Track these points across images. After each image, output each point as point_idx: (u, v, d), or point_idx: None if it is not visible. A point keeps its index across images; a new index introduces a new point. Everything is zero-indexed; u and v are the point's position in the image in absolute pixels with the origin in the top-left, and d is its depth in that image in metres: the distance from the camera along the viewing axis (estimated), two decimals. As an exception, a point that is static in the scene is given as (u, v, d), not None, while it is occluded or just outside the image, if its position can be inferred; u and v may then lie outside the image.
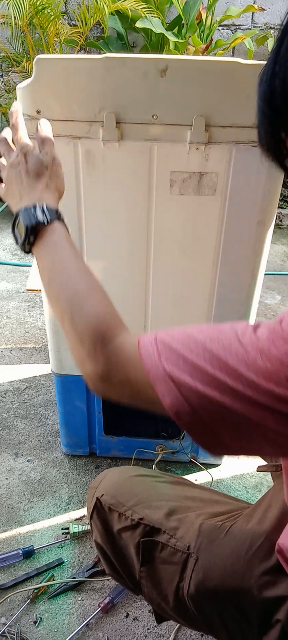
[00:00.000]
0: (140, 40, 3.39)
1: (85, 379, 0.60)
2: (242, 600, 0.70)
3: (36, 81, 0.97)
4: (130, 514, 0.79)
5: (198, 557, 0.74)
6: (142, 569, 0.79)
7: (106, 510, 0.82)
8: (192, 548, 0.74)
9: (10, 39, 3.23)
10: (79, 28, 3.17)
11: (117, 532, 0.81)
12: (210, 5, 3.06)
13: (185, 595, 0.74)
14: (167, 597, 0.77)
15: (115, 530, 0.81)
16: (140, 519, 0.79)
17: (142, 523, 0.78)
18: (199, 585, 0.72)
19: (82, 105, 0.99)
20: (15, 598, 1.14)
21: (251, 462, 1.51)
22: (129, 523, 0.79)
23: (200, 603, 0.74)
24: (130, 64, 0.95)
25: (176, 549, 0.76)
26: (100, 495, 0.83)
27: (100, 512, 0.83)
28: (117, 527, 0.81)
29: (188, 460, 1.49)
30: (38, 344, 2.07)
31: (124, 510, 0.80)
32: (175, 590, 0.76)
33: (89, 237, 1.12)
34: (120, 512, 0.81)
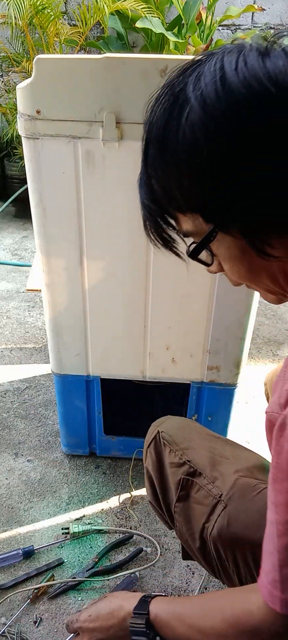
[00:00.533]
0: (140, 40, 3.38)
1: None
2: (257, 553, 0.73)
3: (36, 81, 0.97)
4: (180, 454, 0.88)
5: (227, 505, 0.80)
6: (177, 504, 0.87)
7: (162, 444, 0.92)
8: (224, 496, 0.81)
9: (10, 39, 3.23)
10: (79, 28, 3.17)
11: (166, 466, 0.90)
12: (210, 5, 3.06)
13: (208, 535, 0.80)
14: (194, 535, 0.84)
15: (165, 463, 0.91)
16: (187, 460, 0.87)
17: (187, 464, 0.87)
18: (222, 529, 0.78)
19: (82, 105, 0.99)
20: (15, 598, 1.14)
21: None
22: (177, 460, 0.88)
23: (219, 547, 0.79)
24: (130, 64, 0.95)
25: (209, 493, 0.82)
26: (161, 430, 0.93)
27: (157, 444, 0.93)
28: (167, 460, 0.90)
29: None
30: (38, 344, 2.07)
31: (175, 449, 0.89)
32: (201, 529, 0.82)
33: (89, 237, 1.12)
34: (172, 449, 0.90)
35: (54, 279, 1.18)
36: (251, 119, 0.47)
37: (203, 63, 0.51)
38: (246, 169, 0.48)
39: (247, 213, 0.50)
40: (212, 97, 0.48)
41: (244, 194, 0.49)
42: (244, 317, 1.20)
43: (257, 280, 0.58)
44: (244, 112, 0.47)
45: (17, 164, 3.43)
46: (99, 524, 1.32)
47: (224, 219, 0.52)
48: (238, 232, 0.52)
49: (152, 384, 1.34)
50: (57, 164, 1.04)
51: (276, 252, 0.52)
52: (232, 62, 0.49)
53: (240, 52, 0.50)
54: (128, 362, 1.31)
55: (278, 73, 0.48)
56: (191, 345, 1.26)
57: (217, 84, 0.48)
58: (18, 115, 1.03)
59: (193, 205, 0.53)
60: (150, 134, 0.53)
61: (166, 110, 0.51)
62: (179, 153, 0.50)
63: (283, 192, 0.48)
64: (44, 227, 1.12)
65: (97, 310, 1.23)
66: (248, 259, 0.54)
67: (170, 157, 0.51)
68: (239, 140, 0.48)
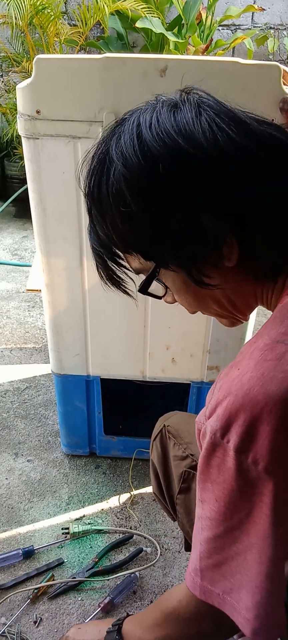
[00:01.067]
0: (140, 40, 3.39)
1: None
2: None
3: (36, 81, 0.97)
4: (183, 447, 0.92)
5: None
6: (178, 496, 0.90)
7: (167, 437, 0.95)
8: None
9: (10, 39, 3.23)
10: (79, 28, 3.17)
11: (170, 458, 0.94)
12: (210, 5, 3.06)
13: None
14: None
15: (169, 456, 0.94)
16: (190, 454, 0.90)
17: (190, 457, 0.90)
18: None
19: (81, 105, 0.99)
20: (15, 598, 1.14)
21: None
22: (180, 453, 0.91)
23: None
24: (130, 64, 0.95)
25: None
26: (167, 424, 0.97)
27: (163, 437, 0.97)
28: (171, 453, 0.94)
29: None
30: (38, 344, 2.07)
31: (180, 442, 0.93)
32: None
33: (89, 237, 1.12)
34: (176, 442, 0.93)
35: (54, 279, 1.18)
36: (165, 171, 0.53)
37: (123, 123, 0.58)
38: (165, 213, 0.55)
39: (175, 251, 0.57)
40: (131, 153, 0.55)
41: (167, 236, 0.56)
42: (244, 317, 1.20)
43: (205, 307, 0.65)
44: (158, 166, 0.53)
45: (17, 164, 3.43)
46: (99, 524, 1.32)
47: (160, 257, 0.59)
48: (176, 267, 0.59)
49: (152, 384, 1.34)
50: (57, 164, 1.04)
51: (213, 281, 0.59)
52: (147, 120, 0.56)
53: (154, 109, 0.57)
54: (128, 362, 1.31)
55: (186, 124, 0.54)
56: (191, 345, 1.26)
57: (134, 142, 0.55)
58: (18, 115, 1.03)
59: (132, 247, 0.60)
60: (89, 194, 0.61)
61: (97, 169, 0.59)
62: (111, 204, 0.57)
63: (198, 231, 0.54)
64: (44, 227, 1.12)
65: (97, 310, 1.23)
66: (193, 288, 0.61)
67: (105, 210, 0.59)
68: (156, 189, 0.54)
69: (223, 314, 0.66)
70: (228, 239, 0.56)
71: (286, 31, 3.51)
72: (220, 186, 0.54)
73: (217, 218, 0.54)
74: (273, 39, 3.31)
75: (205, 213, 0.54)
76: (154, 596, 1.16)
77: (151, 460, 1.01)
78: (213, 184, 0.54)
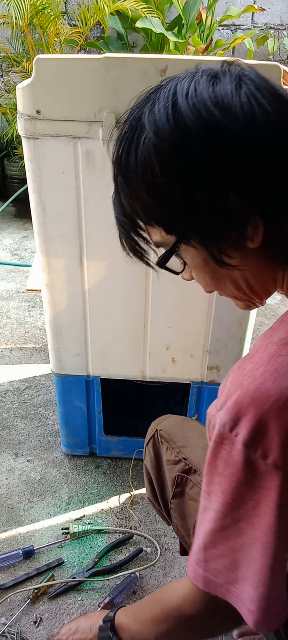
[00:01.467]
0: (140, 40, 3.38)
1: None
2: None
3: (36, 81, 0.97)
4: (176, 451, 0.91)
5: None
6: (172, 500, 0.90)
7: (160, 442, 0.94)
8: None
9: (10, 39, 3.23)
10: (79, 28, 3.17)
11: (163, 463, 0.93)
12: (210, 5, 3.06)
13: None
14: (189, 531, 0.86)
15: (162, 460, 0.93)
16: (183, 458, 0.89)
17: (183, 461, 0.89)
18: None
19: (81, 105, 0.99)
20: (15, 598, 1.14)
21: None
22: (173, 458, 0.91)
23: None
24: (130, 64, 0.95)
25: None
26: (159, 429, 0.96)
27: (155, 442, 0.96)
28: (164, 458, 0.93)
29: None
30: (38, 344, 2.07)
31: (172, 447, 0.92)
32: (194, 525, 0.84)
33: (89, 237, 1.12)
34: (168, 447, 0.92)
35: (54, 279, 1.18)
36: (197, 143, 0.52)
37: (159, 90, 0.57)
38: (194, 187, 0.53)
39: (200, 227, 0.56)
40: (164, 122, 0.53)
41: (194, 211, 0.55)
42: (244, 317, 1.20)
43: (222, 287, 0.63)
44: (191, 137, 0.52)
45: (17, 164, 3.43)
46: (99, 524, 1.32)
47: (182, 232, 0.58)
48: (198, 243, 0.57)
49: (152, 384, 1.34)
50: (57, 164, 1.04)
51: (233, 261, 0.57)
52: (184, 89, 0.54)
53: (192, 78, 0.55)
54: (128, 362, 1.31)
55: (224, 96, 0.52)
56: (191, 345, 1.26)
57: (169, 110, 0.53)
58: (18, 115, 1.03)
59: (155, 219, 0.59)
60: (117, 161, 0.59)
61: (127, 135, 0.57)
62: (138, 173, 0.56)
63: (225, 209, 0.53)
64: (44, 227, 1.12)
65: (97, 310, 1.23)
66: (211, 267, 0.59)
67: (132, 177, 0.57)
68: (188, 162, 0.53)
69: (239, 296, 0.64)
70: (253, 219, 0.54)
71: (286, 31, 3.51)
72: (253, 164, 0.52)
73: (245, 197, 0.53)
74: (273, 39, 3.31)
75: (233, 191, 0.52)
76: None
77: (144, 465, 1.00)
78: (245, 161, 0.52)
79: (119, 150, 0.59)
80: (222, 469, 0.55)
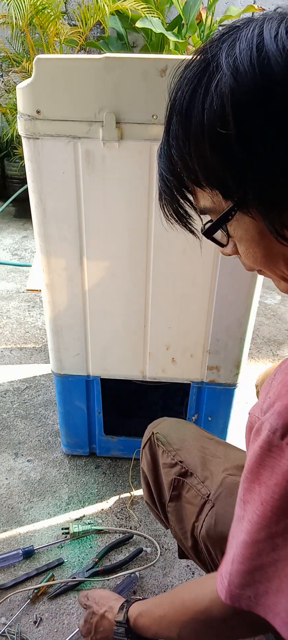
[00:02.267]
0: (140, 40, 3.39)
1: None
2: None
3: (36, 81, 0.97)
4: (173, 454, 0.90)
5: (214, 504, 0.81)
6: (169, 504, 0.89)
7: (156, 445, 0.93)
8: (212, 495, 0.82)
9: (10, 39, 3.23)
10: (79, 28, 3.17)
11: (160, 466, 0.92)
12: (210, 5, 3.06)
13: (198, 534, 0.81)
14: (186, 534, 0.86)
15: (159, 464, 0.92)
16: (179, 461, 0.89)
17: (179, 464, 0.88)
18: (210, 528, 0.79)
19: (82, 105, 0.99)
20: (15, 598, 1.14)
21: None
22: (170, 461, 0.90)
23: (209, 545, 0.80)
24: (130, 64, 0.95)
25: (199, 493, 0.84)
26: (155, 432, 0.95)
27: (152, 445, 0.94)
28: (160, 461, 0.92)
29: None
30: (38, 344, 2.07)
31: (169, 450, 0.91)
32: (191, 528, 0.83)
33: (89, 237, 1.12)
34: (165, 450, 0.91)
35: (54, 279, 1.18)
36: (284, 95, 0.44)
37: (241, 28, 0.48)
38: (274, 147, 0.45)
39: (270, 194, 0.48)
40: (246, 64, 0.45)
41: (269, 174, 0.46)
42: (244, 317, 1.20)
43: (272, 266, 0.55)
44: (278, 86, 0.44)
45: (17, 164, 3.44)
46: (99, 524, 1.32)
47: (245, 198, 0.50)
48: (258, 213, 0.50)
49: (152, 384, 1.34)
50: (57, 164, 1.04)
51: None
52: (272, 29, 0.46)
53: (282, 19, 0.47)
54: (128, 362, 1.31)
55: None
56: (191, 345, 1.26)
57: (253, 52, 0.45)
58: (18, 115, 1.03)
59: (214, 180, 0.51)
60: (175, 101, 0.50)
61: (195, 75, 0.48)
62: (204, 123, 0.47)
63: None
64: (44, 227, 1.12)
65: (97, 310, 1.23)
66: (267, 243, 0.52)
67: (194, 127, 0.48)
68: (270, 115, 0.45)
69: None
70: None
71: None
72: None
73: None
74: (273, 39, 3.30)
75: None
76: (154, 596, 1.15)
77: (141, 469, 0.99)
78: None
79: (182, 93, 0.49)
80: (266, 478, 0.50)
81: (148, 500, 0.98)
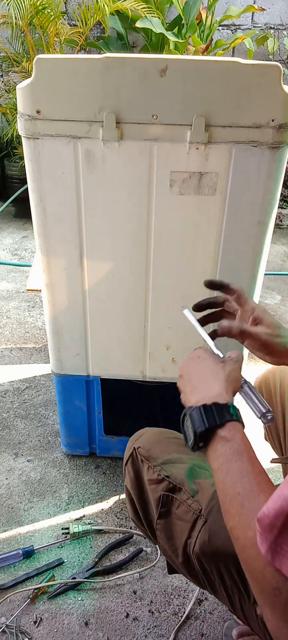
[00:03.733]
0: (140, 40, 3.39)
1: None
2: (241, 566, 0.72)
3: (36, 81, 0.97)
4: (158, 470, 0.85)
5: (207, 520, 0.78)
6: (158, 521, 0.85)
7: (139, 461, 0.89)
8: (203, 510, 0.79)
9: (10, 39, 3.23)
10: (79, 28, 3.17)
11: (145, 482, 0.88)
12: (210, 5, 3.06)
13: (191, 551, 0.79)
14: (177, 551, 0.82)
15: (144, 480, 0.88)
16: (166, 476, 0.84)
17: (166, 480, 0.84)
18: (204, 545, 0.77)
19: (82, 105, 0.99)
20: (15, 598, 1.14)
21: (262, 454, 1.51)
22: (156, 477, 0.85)
23: (203, 561, 0.78)
24: (130, 64, 0.95)
25: (190, 509, 0.81)
26: (137, 446, 0.90)
27: (134, 461, 0.90)
28: (145, 477, 0.88)
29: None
30: (38, 344, 2.07)
31: (153, 465, 0.86)
32: (183, 545, 0.81)
33: (89, 237, 1.12)
34: (150, 465, 0.87)
35: (54, 279, 1.18)
36: None
37: None
38: None
39: None
40: None
41: None
42: (244, 317, 1.20)
43: None
44: None
45: (17, 164, 3.44)
46: (99, 524, 1.32)
47: None
48: None
49: (152, 384, 1.34)
50: (57, 164, 1.04)
51: None
52: None
53: None
54: (128, 362, 1.30)
55: None
56: (191, 345, 1.26)
57: None
58: (18, 115, 1.03)
59: None
60: None
61: None
62: None
63: None
64: (44, 227, 1.12)
65: (97, 310, 1.23)
66: None
67: None
68: None
69: None
70: None
71: (286, 31, 3.51)
72: None
73: None
74: (273, 39, 3.30)
75: None
76: (154, 596, 1.16)
77: (125, 486, 0.95)
78: None
79: None
80: None
81: (134, 518, 0.94)
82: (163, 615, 1.12)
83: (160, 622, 1.11)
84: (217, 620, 1.12)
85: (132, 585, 1.18)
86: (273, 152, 1.00)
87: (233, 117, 0.97)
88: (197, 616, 1.12)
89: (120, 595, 1.16)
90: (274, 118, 0.97)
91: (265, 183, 1.03)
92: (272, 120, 0.97)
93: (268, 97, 0.95)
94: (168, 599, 1.15)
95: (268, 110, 0.96)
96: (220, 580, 0.77)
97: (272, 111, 0.96)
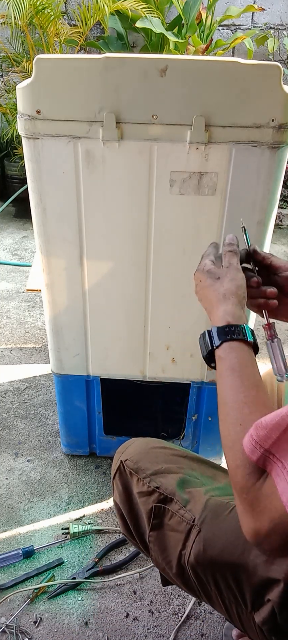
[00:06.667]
0: (140, 40, 3.38)
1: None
2: (238, 574, 0.72)
3: (36, 81, 0.97)
4: (148, 481, 0.84)
5: (201, 529, 0.77)
6: (151, 533, 0.84)
7: (128, 473, 0.88)
8: (197, 520, 0.78)
9: (10, 39, 3.23)
10: (79, 28, 3.17)
11: (135, 496, 0.87)
12: (210, 5, 3.06)
13: (186, 562, 0.78)
14: (171, 563, 0.82)
15: (133, 493, 0.87)
16: (156, 487, 0.84)
17: (157, 491, 0.83)
18: (199, 555, 0.76)
19: (82, 105, 0.99)
20: (15, 598, 1.14)
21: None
22: (146, 489, 0.84)
23: (198, 572, 0.77)
24: (130, 64, 0.95)
25: (183, 519, 0.80)
26: (124, 459, 0.88)
27: (122, 475, 0.88)
28: (135, 490, 0.86)
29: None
30: (38, 344, 2.07)
31: (143, 477, 0.85)
32: (178, 557, 0.80)
33: (89, 237, 1.12)
34: (139, 478, 0.86)
35: (54, 279, 1.18)
36: None
37: None
38: None
39: None
40: None
41: None
42: (244, 317, 1.20)
43: None
44: None
45: (17, 164, 3.43)
46: (99, 524, 1.32)
47: None
48: None
49: (152, 384, 1.34)
50: (57, 164, 1.04)
51: None
52: None
53: None
54: (128, 362, 1.30)
55: None
56: (191, 345, 1.26)
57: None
58: (18, 115, 1.03)
59: None
60: None
61: None
62: None
63: None
64: (44, 227, 1.12)
65: (97, 310, 1.23)
66: None
67: None
68: None
69: None
70: None
71: (286, 31, 3.51)
72: None
73: None
74: (273, 39, 3.30)
75: None
76: (154, 596, 1.16)
77: (114, 501, 0.94)
78: None
79: None
80: None
81: (125, 532, 0.93)
82: (163, 615, 1.12)
83: (160, 622, 1.11)
84: (217, 620, 1.12)
85: (132, 585, 1.18)
86: (273, 152, 1.00)
87: (233, 117, 0.97)
88: (197, 616, 1.12)
89: (120, 595, 1.16)
90: (274, 118, 0.97)
91: (265, 183, 1.03)
92: (272, 120, 0.97)
93: (268, 97, 0.96)
94: (168, 599, 1.15)
95: (268, 110, 0.97)
96: (217, 589, 0.76)
97: (272, 111, 0.96)
